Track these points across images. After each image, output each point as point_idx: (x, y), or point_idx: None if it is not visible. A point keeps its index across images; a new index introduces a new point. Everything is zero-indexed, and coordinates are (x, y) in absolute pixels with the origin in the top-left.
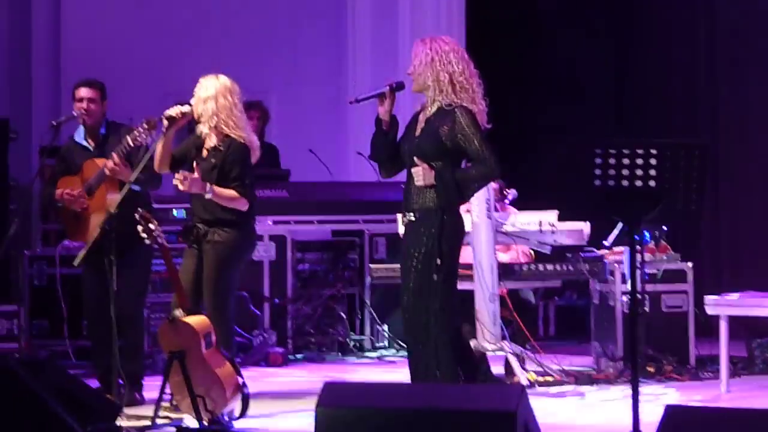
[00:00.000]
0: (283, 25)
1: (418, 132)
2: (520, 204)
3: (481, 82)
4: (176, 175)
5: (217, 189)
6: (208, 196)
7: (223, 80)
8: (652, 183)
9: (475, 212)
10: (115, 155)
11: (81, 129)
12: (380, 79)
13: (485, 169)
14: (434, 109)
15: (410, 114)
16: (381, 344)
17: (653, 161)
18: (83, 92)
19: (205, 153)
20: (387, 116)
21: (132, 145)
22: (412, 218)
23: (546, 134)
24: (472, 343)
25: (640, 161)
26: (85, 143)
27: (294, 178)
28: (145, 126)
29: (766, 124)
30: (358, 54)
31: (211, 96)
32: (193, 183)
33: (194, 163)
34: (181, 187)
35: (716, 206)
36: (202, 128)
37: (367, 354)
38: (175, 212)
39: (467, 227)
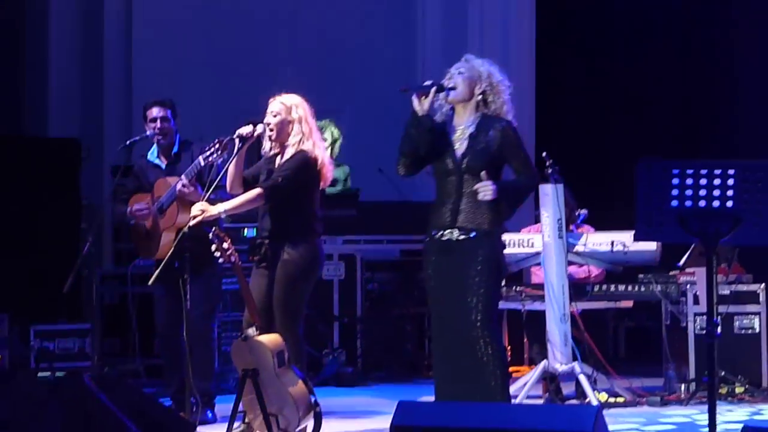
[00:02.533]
0: (353, 43)
1: (462, 147)
2: (600, 224)
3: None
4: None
5: (227, 204)
6: (222, 215)
7: (303, 102)
8: (729, 204)
9: (546, 232)
10: (184, 177)
11: (155, 148)
12: None
13: (532, 181)
14: (474, 122)
15: None
16: None
17: (731, 182)
18: (155, 112)
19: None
20: (423, 112)
21: (203, 164)
22: (461, 237)
23: (617, 152)
24: (543, 363)
25: (717, 182)
26: (158, 161)
27: (363, 197)
28: (217, 145)
29: None
30: (426, 72)
31: (297, 119)
32: (203, 213)
33: None
34: (196, 221)
35: None
36: (274, 147)
37: None
38: (245, 232)
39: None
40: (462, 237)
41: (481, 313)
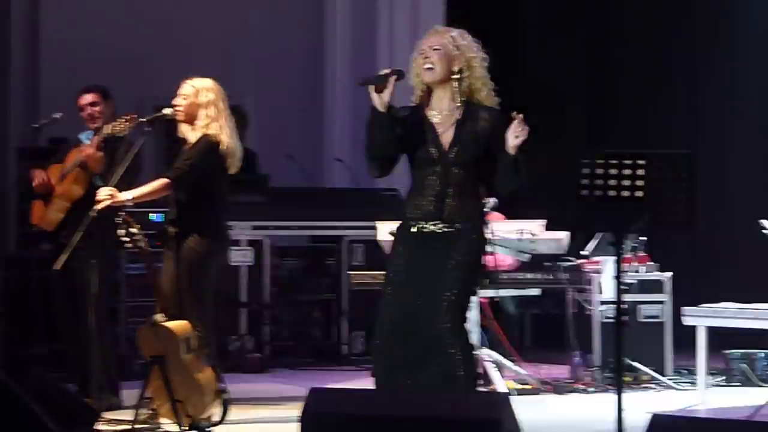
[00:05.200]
0: (259, 30)
1: (448, 136)
2: (514, 214)
3: None
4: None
5: (135, 192)
6: (128, 201)
7: (216, 85)
8: (639, 193)
9: None
10: (93, 140)
11: (89, 132)
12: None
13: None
14: (458, 107)
15: None
16: (357, 351)
17: (641, 171)
18: (85, 98)
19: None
20: (384, 107)
21: (110, 132)
22: (445, 229)
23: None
24: None
25: (627, 171)
26: (87, 142)
27: (272, 183)
28: (125, 118)
29: (743, 135)
30: (337, 59)
31: (206, 102)
32: (111, 198)
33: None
34: (102, 205)
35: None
36: (186, 129)
37: (343, 360)
38: (152, 216)
39: None
40: (447, 229)
41: (453, 313)
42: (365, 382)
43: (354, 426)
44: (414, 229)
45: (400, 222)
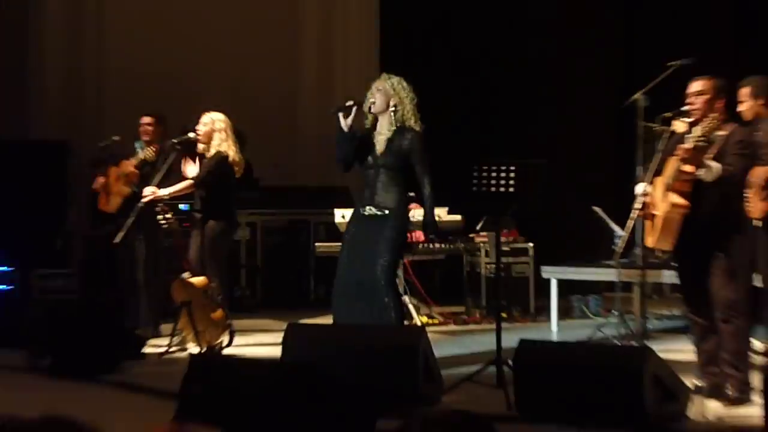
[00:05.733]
0: (254, 70)
1: (381, 149)
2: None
3: None
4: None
5: (169, 189)
6: (165, 196)
7: (224, 116)
8: (511, 189)
9: None
10: (131, 161)
11: (141, 143)
12: None
13: (430, 185)
14: (390, 130)
15: None
16: (321, 298)
17: (512, 174)
18: (144, 120)
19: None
20: (348, 127)
21: (144, 157)
22: (377, 213)
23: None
24: None
25: (503, 174)
26: (139, 149)
27: (262, 183)
28: (153, 149)
29: (578, 144)
30: (307, 91)
31: (223, 128)
32: (153, 194)
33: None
34: (147, 199)
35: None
36: (205, 148)
37: (311, 304)
38: (182, 206)
39: None
40: (377, 213)
41: (385, 273)
42: (327, 320)
43: (319, 347)
44: (359, 212)
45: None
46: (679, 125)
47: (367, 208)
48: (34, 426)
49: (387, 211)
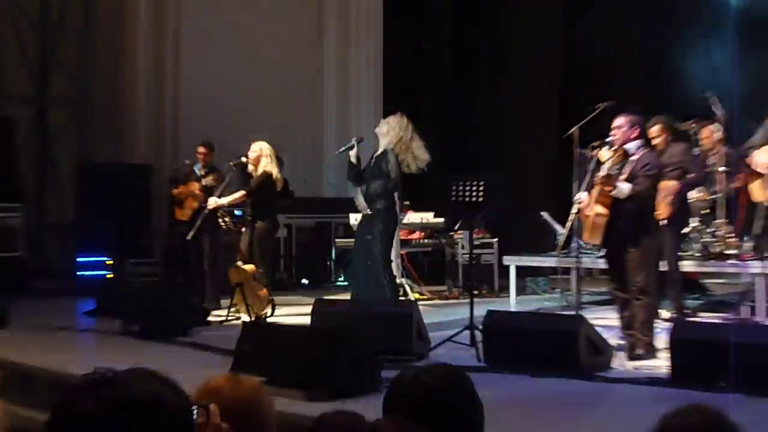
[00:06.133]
0: (294, 106)
1: (368, 171)
2: (417, 209)
3: None
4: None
5: (227, 199)
6: (224, 205)
7: (268, 144)
8: (480, 198)
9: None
10: (197, 185)
11: (199, 165)
12: None
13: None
14: (379, 155)
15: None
16: (340, 280)
17: (482, 187)
18: (200, 150)
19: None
20: (355, 158)
21: (206, 184)
22: (369, 212)
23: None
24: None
25: (475, 186)
26: (198, 172)
27: (296, 194)
28: (213, 177)
29: (530, 157)
30: (328, 127)
31: (268, 154)
32: (215, 203)
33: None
34: (210, 207)
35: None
36: (254, 169)
37: (332, 285)
38: (237, 211)
39: None
40: (370, 213)
41: (380, 256)
42: (345, 296)
43: (338, 316)
44: (363, 213)
45: None
46: (604, 153)
47: (365, 211)
48: (125, 374)
49: (375, 212)
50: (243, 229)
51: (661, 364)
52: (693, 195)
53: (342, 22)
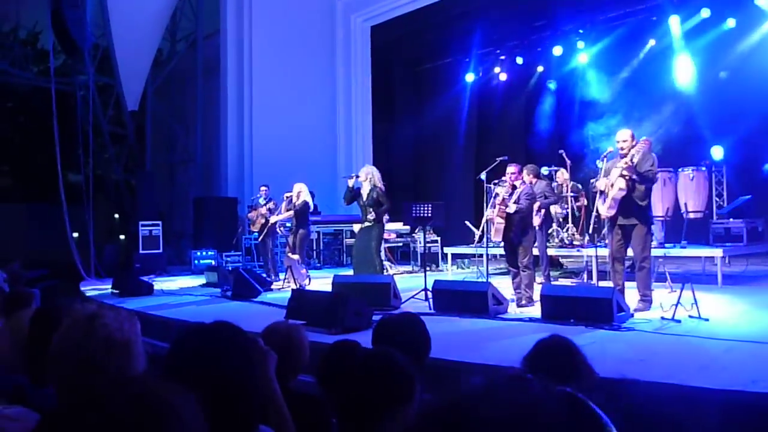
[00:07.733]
0: (302, 151)
1: (364, 196)
2: (395, 220)
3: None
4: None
5: (281, 216)
6: (279, 220)
7: (304, 185)
8: (429, 214)
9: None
10: (263, 210)
11: (262, 196)
12: None
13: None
14: (369, 187)
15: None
16: (348, 264)
17: (429, 208)
18: (261, 190)
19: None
20: (352, 185)
21: (269, 208)
22: (366, 224)
23: (399, 189)
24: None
25: (425, 208)
26: (261, 201)
27: (320, 211)
28: (272, 203)
29: (458, 189)
30: (342, 162)
31: (303, 192)
32: (275, 219)
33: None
34: (272, 222)
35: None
36: (296, 199)
37: (343, 267)
38: (288, 224)
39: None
40: (366, 224)
41: (374, 248)
42: (350, 272)
43: (346, 285)
44: (361, 225)
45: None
46: (500, 189)
47: (364, 224)
48: (211, 325)
49: (369, 225)
50: (290, 234)
51: (536, 309)
52: (553, 210)
53: (346, 103)
